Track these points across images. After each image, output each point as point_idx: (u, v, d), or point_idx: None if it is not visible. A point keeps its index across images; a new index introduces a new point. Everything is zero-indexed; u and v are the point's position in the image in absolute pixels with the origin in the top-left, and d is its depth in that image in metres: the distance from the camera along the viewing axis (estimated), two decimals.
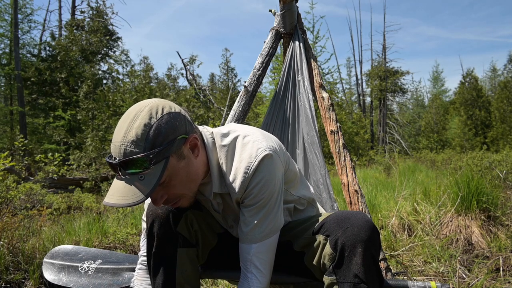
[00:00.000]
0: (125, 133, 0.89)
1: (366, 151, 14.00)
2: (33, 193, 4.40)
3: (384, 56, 22.49)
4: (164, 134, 0.90)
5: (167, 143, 0.90)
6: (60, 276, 1.36)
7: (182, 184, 0.98)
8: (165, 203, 1.00)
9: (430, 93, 31.92)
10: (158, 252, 1.06)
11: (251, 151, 1.02)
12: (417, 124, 24.58)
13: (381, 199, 3.78)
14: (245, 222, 1.04)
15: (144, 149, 0.88)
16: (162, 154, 0.90)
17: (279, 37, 2.26)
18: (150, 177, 0.89)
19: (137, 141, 0.88)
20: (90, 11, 16.35)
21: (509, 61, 23.90)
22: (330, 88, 13.93)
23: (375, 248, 0.94)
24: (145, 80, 11.73)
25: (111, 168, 0.92)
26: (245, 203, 1.04)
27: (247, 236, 1.04)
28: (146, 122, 0.89)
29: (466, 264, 2.55)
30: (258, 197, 1.02)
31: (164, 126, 0.91)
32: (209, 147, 1.05)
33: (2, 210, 2.67)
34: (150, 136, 0.89)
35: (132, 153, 0.87)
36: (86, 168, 8.63)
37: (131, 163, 0.87)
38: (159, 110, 0.92)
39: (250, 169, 1.00)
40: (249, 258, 1.04)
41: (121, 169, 0.89)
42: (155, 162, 0.89)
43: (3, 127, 15.69)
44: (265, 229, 1.03)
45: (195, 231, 1.11)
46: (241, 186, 1.02)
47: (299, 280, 1.18)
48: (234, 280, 1.30)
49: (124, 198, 0.87)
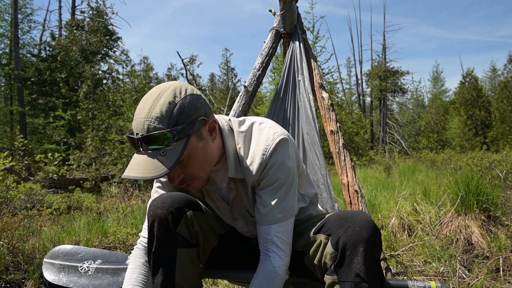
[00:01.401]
0: (149, 110, 0.92)
1: (366, 151, 14.00)
2: (33, 193, 4.39)
3: (384, 56, 22.50)
4: (187, 113, 0.94)
5: (189, 122, 0.94)
6: (60, 276, 1.36)
7: (199, 164, 1.02)
8: (180, 183, 1.03)
9: (430, 93, 31.94)
10: (157, 252, 1.05)
11: (268, 135, 1.07)
12: (417, 124, 24.58)
13: (381, 199, 3.78)
14: (262, 203, 1.07)
15: (167, 125, 0.91)
16: (184, 132, 0.93)
17: (279, 37, 2.26)
18: (172, 154, 0.92)
19: (161, 117, 0.91)
20: (90, 11, 16.37)
21: (509, 61, 23.92)
22: (330, 88, 13.94)
23: (376, 247, 0.94)
24: (145, 80, 11.72)
25: (131, 144, 0.96)
26: (262, 185, 1.07)
27: (266, 217, 1.06)
28: (171, 100, 0.93)
29: (466, 264, 2.55)
30: (275, 177, 1.05)
31: (187, 106, 0.95)
32: (225, 133, 1.09)
33: (2, 210, 2.67)
34: (174, 113, 0.92)
35: (156, 128, 0.91)
36: (86, 168, 8.62)
37: (154, 139, 0.91)
38: (183, 91, 0.96)
39: (267, 151, 1.05)
40: (269, 238, 1.05)
41: (143, 144, 0.92)
42: (177, 139, 0.92)
43: (3, 127, 15.69)
44: (283, 209, 1.06)
45: (196, 232, 1.10)
46: (259, 168, 1.05)
47: (299, 280, 1.18)
48: (234, 280, 1.30)
49: (146, 172, 0.90)
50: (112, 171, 7.86)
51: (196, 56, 14.59)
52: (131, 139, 0.94)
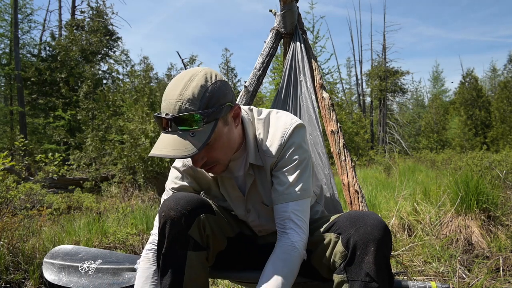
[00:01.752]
0: (181, 91, 0.94)
1: (366, 151, 14.00)
2: (33, 193, 4.39)
3: (384, 56, 22.50)
4: (216, 98, 0.97)
5: (217, 107, 0.97)
6: (60, 276, 1.36)
7: (223, 149, 1.05)
8: (203, 166, 1.06)
9: (430, 93, 31.94)
10: (167, 254, 1.05)
11: (286, 120, 1.13)
12: (417, 124, 24.57)
13: (381, 199, 3.78)
14: (279, 183, 1.10)
15: (198, 108, 0.94)
16: (213, 116, 0.96)
17: (279, 37, 2.26)
18: (200, 135, 0.95)
19: (193, 99, 0.94)
20: (90, 11, 16.35)
21: (509, 61, 23.91)
22: (330, 88, 13.94)
23: (387, 248, 0.94)
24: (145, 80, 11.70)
25: (159, 124, 0.98)
26: (279, 166, 1.11)
27: (283, 194, 1.08)
28: (203, 83, 0.96)
29: (466, 264, 2.55)
30: (292, 158, 1.10)
31: (217, 91, 0.98)
32: (246, 120, 1.14)
33: (2, 210, 2.67)
34: (205, 97, 0.95)
35: (187, 110, 0.93)
36: (86, 168, 8.61)
37: (185, 120, 0.93)
38: (213, 76, 0.99)
39: (286, 134, 1.10)
40: (286, 215, 1.07)
41: (172, 125, 0.94)
42: (206, 122, 0.95)
43: (3, 127, 15.68)
44: (300, 189, 1.09)
45: (207, 235, 1.10)
46: (277, 149, 1.10)
47: (300, 280, 1.17)
48: (240, 280, 1.30)
49: (176, 151, 0.92)
50: (112, 171, 7.86)
51: (196, 56, 14.60)
52: (160, 118, 0.96)
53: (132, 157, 7.09)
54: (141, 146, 7.14)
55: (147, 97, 9.19)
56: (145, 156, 6.99)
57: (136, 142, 7.30)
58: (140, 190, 6.75)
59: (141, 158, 7.01)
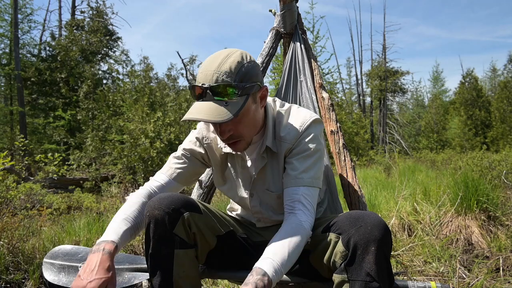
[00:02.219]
0: (219, 65, 1.01)
1: (366, 151, 13.99)
2: (33, 193, 4.39)
3: (384, 56, 22.49)
4: (250, 75, 1.05)
5: (251, 83, 1.04)
6: (60, 276, 1.36)
7: (248, 125, 1.11)
8: (228, 139, 1.11)
9: (430, 93, 31.93)
10: (154, 253, 1.06)
11: (306, 114, 1.20)
12: (417, 124, 24.56)
13: (381, 199, 3.78)
14: (292, 168, 1.14)
15: (234, 80, 1.01)
16: (246, 90, 1.03)
17: (279, 37, 2.26)
18: (233, 106, 1.01)
19: (230, 73, 1.00)
20: (90, 11, 16.35)
21: (509, 61, 23.90)
22: (330, 88, 13.94)
23: (388, 248, 0.95)
24: (145, 80, 11.71)
25: (194, 94, 1.05)
26: (294, 153, 1.16)
27: (295, 179, 1.12)
28: (239, 60, 1.04)
29: (466, 264, 2.55)
30: (307, 146, 1.15)
31: (251, 69, 1.05)
32: (268, 107, 1.20)
33: (2, 210, 2.67)
34: (241, 72, 1.02)
35: (224, 81, 1.00)
36: (86, 168, 8.62)
37: (221, 90, 1.00)
38: (248, 56, 1.07)
39: (304, 124, 1.17)
40: (296, 197, 1.10)
41: (208, 94, 1.01)
42: (239, 95, 1.02)
43: (3, 127, 15.67)
44: (312, 176, 1.13)
45: (193, 233, 1.10)
46: (295, 136, 1.16)
47: (298, 280, 1.17)
48: (235, 280, 1.30)
49: (211, 116, 0.98)
50: (112, 171, 7.86)
51: (196, 56, 14.61)
52: (196, 87, 1.03)
53: (132, 157, 7.09)
54: (141, 146, 7.14)
55: (147, 97, 9.19)
56: (145, 156, 6.99)
57: (136, 142, 7.30)
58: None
59: (141, 158, 7.02)
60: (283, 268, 0.95)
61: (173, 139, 7.62)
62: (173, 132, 7.70)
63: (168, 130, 7.69)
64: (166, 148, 7.25)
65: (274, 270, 0.92)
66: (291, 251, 0.97)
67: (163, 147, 7.12)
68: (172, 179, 1.25)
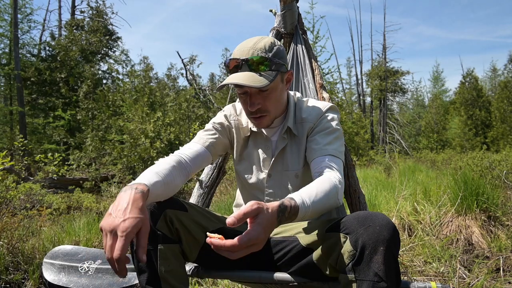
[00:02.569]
0: (255, 43, 1.15)
1: (366, 151, 13.99)
2: (32, 193, 4.39)
3: (384, 56, 22.49)
4: (281, 55, 1.18)
5: (282, 61, 1.17)
6: (60, 276, 1.35)
7: (275, 101, 1.21)
8: (255, 112, 1.20)
9: (430, 93, 31.94)
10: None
11: (324, 102, 1.33)
12: (417, 124, 24.56)
13: (381, 199, 3.77)
14: (316, 143, 1.21)
15: (267, 55, 1.13)
16: (277, 67, 1.16)
17: (279, 37, 2.26)
18: (266, 77, 1.13)
19: (265, 49, 1.14)
20: (90, 11, 16.35)
21: (509, 61, 23.90)
22: (330, 88, 13.93)
23: (396, 248, 0.94)
24: (145, 80, 11.72)
25: (230, 67, 1.15)
26: (316, 130, 1.24)
27: (320, 150, 1.19)
28: (272, 41, 1.18)
29: (466, 264, 2.55)
30: (328, 124, 1.24)
31: (282, 51, 1.19)
32: (290, 95, 1.33)
33: (2, 210, 2.67)
34: (274, 50, 1.16)
35: (259, 55, 1.13)
36: (86, 168, 8.62)
37: (257, 62, 1.12)
38: (278, 42, 1.20)
39: (325, 107, 1.28)
40: (324, 164, 1.15)
41: (243, 66, 1.13)
42: (272, 69, 1.14)
43: (3, 127, 15.67)
44: (335, 149, 1.19)
45: (176, 229, 1.12)
46: (316, 116, 1.26)
47: (298, 280, 1.17)
48: (235, 279, 1.30)
49: (248, 81, 1.09)
50: (112, 171, 7.86)
51: (196, 56, 14.58)
52: (231, 61, 1.14)
53: (132, 157, 7.10)
54: (141, 146, 7.14)
55: (147, 97, 9.20)
56: (145, 156, 6.99)
57: (136, 142, 7.30)
58: None
59: (141, 158, 7.02)
60: (311, 203, 0.97)
61: (173, 139, 7.63)
62: (173, 132, 7.70)
63: (168, 130, 7.69)
64: (166, 148, 7.25)
65: (301, 199, 0.96)
66: (319, 193, 1.01)
67: (163, 147, 7.12)
68: (205, 147, 1.29)
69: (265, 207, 0.86)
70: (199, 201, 2.10)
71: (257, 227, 0.84)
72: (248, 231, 0.84)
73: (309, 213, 0.98)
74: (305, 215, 0.97)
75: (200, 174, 2.38)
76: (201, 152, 1.27)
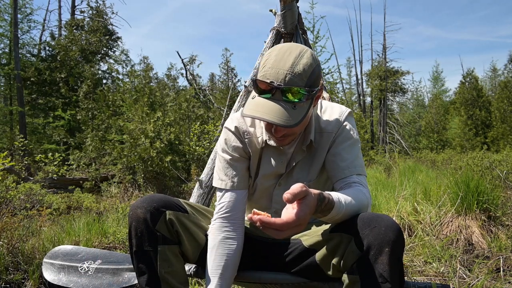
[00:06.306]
0: (292, 65, 1.00)
1: (366, 151, 13.98)
2: (32, 193, 4.39)
3: (384, 56, 22.48)
4: (317, 79, 1.05)
5: (317, 87, 1.05)
6: (60, 276, 1.35)
7: (304, 125, 1.13)
8: (282, 136, 1.11)
9: (430, 93, 31.93)
10: (138, 250, 1.09)
11: (340, 107, 1.23)
12: (417, 124, 24.56)
13: (381, 199, 3.77)
14: (341, 159, 1.15)
15: (305, 84, 1.01)
16: (313, 94, 1.04)
17: (279, 37, 2.26)
18: (300, 110, 1.01)
19: (303, 75, 1.00)
20: (89, 11, 16.34)
21: (509, 61, 23.90)
22: (330, 88, 13.92)
23: (401, 250, 0.94)
24: (145, 80, 11.69)
25: (258, 89, 1.02)
26: (338, 141, 1.17)
27: (348, 168, 1.14)
28: (312, 62, 1.03)
29: (466, 264, 2.55)
30: (349, 135, 1.18)
31: (319, 72, 1.06)
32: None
33: (2, 210, 2.67)
34: (313, 76, 1.02)
35: (296, 84, 0.99)
36: (86, 168, 8.61)
37: (293, 92, 0.99)
38: (316, 57, 1.07)
39: (343, 114, 1.21)
40: (353, 181, 1.11)
41: (277, 93, 1.00)
42: (307, 98, 1.02)
43: (3, 127, 15.67)
44: (361, 165, 1.15)
45: (176, 231, 1.13)
46: (336, 125, 1.18)
47: (298, 280, 1.17)
48: (238, 280, 1.30)
49: (279, 119, 0.97)
50: (112, 171, 7.86)
51: (196, 56, 14.60)
52: (263, 83, 1.00)
53: (132, 157, 7.09)
54: (141, 146, 7.14)
55: (147, 97, 9.18)
56: (145, 156, 6.99)
57: (136, 142, 7.29)
58: (140, 190, 6.74)
59: (141, 158, 7.01)
60: (345, 205, 0.96)
61: (173, 139, 7.63)
62: (173, 132, 7.70)
63: (168, 130, 7.69)
64: (166, 148, 7.25)
65: (338, 198, 0.95)
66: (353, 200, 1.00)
67: (163, 147, 7.12)
68: (237, 189, 1.21)
69: (311, 191, 0.86)
70: (199, 201, 2.10)
71: (305, 208, 0.84)
72: (297, 211, 0.83)
73: (341, 214, 0.97)
74: (337, 215, 0.95)
75: (200, 174, 2.38)
76: (236, 197, 1.20)
